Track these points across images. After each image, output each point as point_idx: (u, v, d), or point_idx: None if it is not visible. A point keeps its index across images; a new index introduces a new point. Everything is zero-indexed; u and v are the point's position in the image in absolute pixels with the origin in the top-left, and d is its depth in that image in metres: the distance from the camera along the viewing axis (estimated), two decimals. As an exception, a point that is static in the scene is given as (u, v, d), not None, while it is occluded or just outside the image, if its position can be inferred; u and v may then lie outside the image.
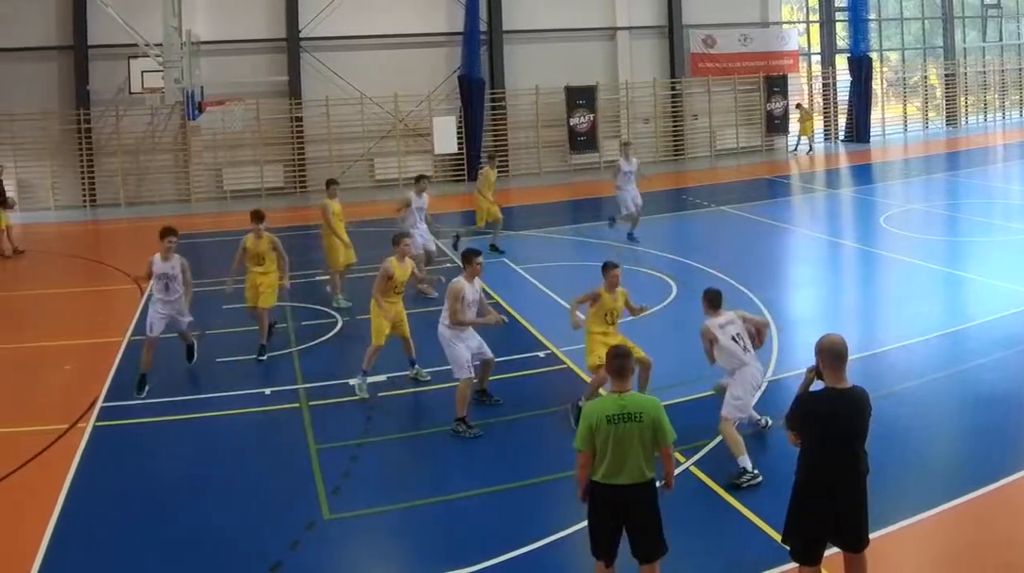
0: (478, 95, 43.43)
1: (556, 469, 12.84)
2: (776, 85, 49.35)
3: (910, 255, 24.61)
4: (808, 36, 53.93)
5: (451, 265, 23.72)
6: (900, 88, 57.32)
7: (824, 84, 53.13)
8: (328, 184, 22.64)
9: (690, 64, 48.24)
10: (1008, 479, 11.92)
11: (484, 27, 44.09)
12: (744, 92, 49.61)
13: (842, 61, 52.34)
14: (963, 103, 57.27)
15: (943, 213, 31.40)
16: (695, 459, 12.89)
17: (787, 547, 8.98)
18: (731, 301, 19.35)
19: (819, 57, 53.57)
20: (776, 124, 49.71)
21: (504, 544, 10.89)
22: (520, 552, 10.76)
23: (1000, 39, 58.67)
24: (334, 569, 11.07)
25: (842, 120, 52.89)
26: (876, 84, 53.10)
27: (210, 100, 36.21)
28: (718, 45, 48.33)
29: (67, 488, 12.96)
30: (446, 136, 42.33)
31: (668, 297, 21.24)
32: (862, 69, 50.59)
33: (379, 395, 16.18)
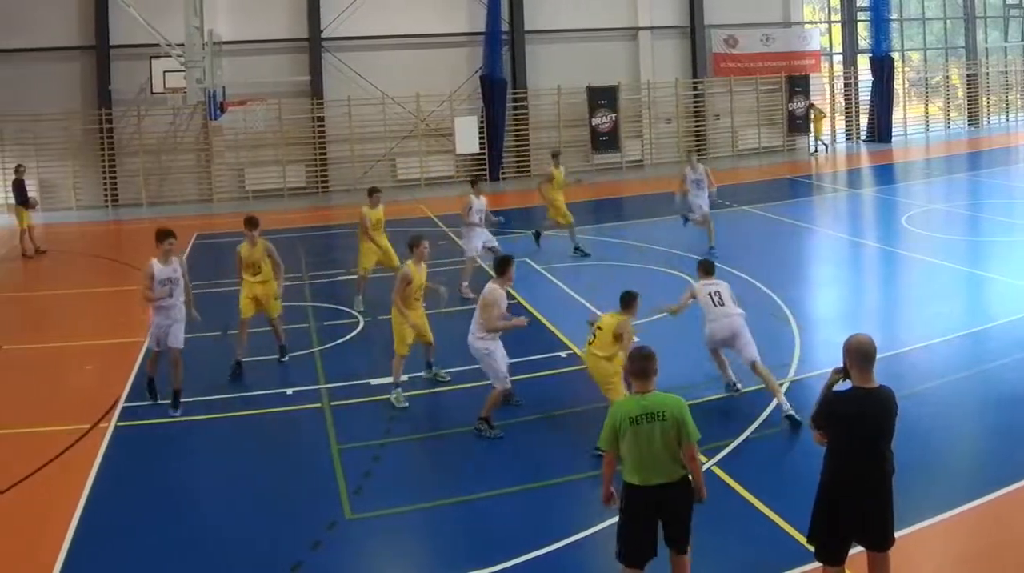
0: (500, 95, 43.45)
1: (577, 470, 12.87)
2: (798, 85, 49.24)
3: (932, 255, 24.50)
4: (830, 36, 53.74)
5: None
6: (922, 88, 56.99)
7: (846, 84, 52.97)
8: (370, 193, 22.14)
9: (712, 64, 48.18)
10: (1030, 480, 11.85)
11: (506, 27, 44.14)
12: (766, 92, 49.51)
13: (864, 61, 52.13)
14: (985, 103, 56.98)
15: (965, 213, 31.25)
16: (716, 459, 12.86)
17: (812, 547, 8.96)
18: (753, 301, 19.40)
19: (841, 57, 53.36)
20: (798, 124, 49.57)
21: (526, 544, 10.87)
22: (542, 552, 10.75)
23: (1022, 39, 58.36)
24: (356, 569, 11.10)
25: (864, 120, 52.74)
26: (898, 84, 53.00)
27: (232, 100, 36.19)
28: (740, 45, 48.24)
29: (89, 488, 13.00)
30: (468, 136, 42.35)
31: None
32: (884, 69, 50.43)
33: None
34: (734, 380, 15.57)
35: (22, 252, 30.03)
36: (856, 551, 8.92)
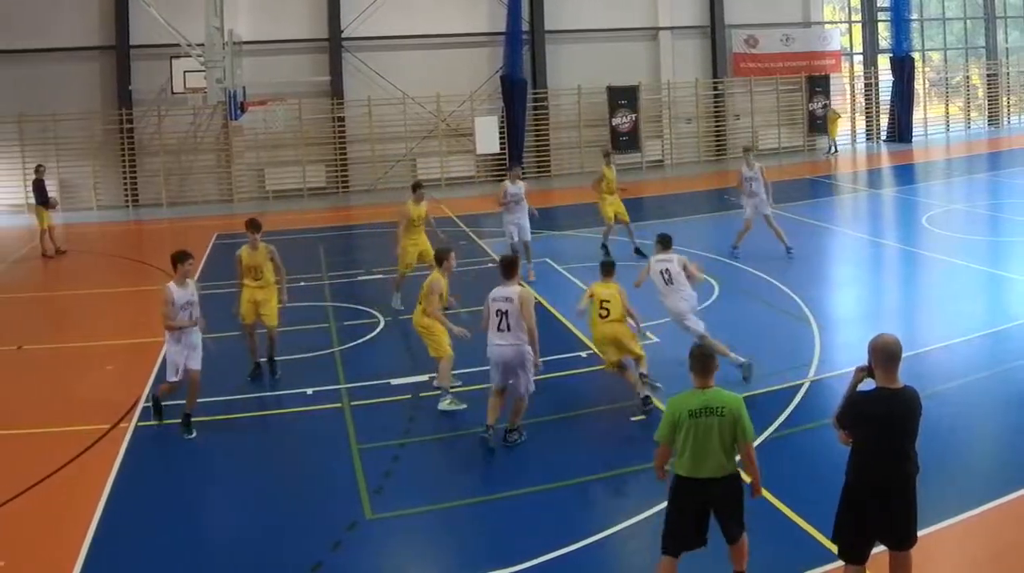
0: (520, 95, 43.47)
1: (598, 469, 12.89)
2: (818, 85, 49.18)
3: (952, 255, 24.42)
4: (850, 36, 53.70)
5: (494, 265, 23.60)
6: (942, 88, 56.88)
7: (866, 84, 52.88)
8: (414, 188, 22.08)
9: (732, 64, 48.18)
10: (1052, 480, 11.79)
11: (526, 27, 44.16)
12: (786, 92, 49.46)
13: (884, 61, 52.08)
14: (1005, 103, 56.85)
15: (985, 213, 31.12)
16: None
17: (835, 546, 8.94)
18: (773, 301, 19.36)
19: (861, 57, 53.27)
20: (818, 124, 49.53)
21: (547, 544, 10.85)
22: (562, 552, 10.72)
23: (1043, 39, 58.22)
24: (376, 570, 11.09)
25: (884, 120, 52.62)
26: (918, 84, 52.79)
27: (252, 100, 36.34)
28: (760, 45, 48.21)
29: (109, 488, 13.02)
30: (488, 136, 42.46)
31: (711, 297, 21.10)
32: (904, 69, 50.31)
33: (420, 395, 16.17)
34: (741, 360, 15.85)
35: (42, 252, 30.18)
36: (876, 549, 8.91)
